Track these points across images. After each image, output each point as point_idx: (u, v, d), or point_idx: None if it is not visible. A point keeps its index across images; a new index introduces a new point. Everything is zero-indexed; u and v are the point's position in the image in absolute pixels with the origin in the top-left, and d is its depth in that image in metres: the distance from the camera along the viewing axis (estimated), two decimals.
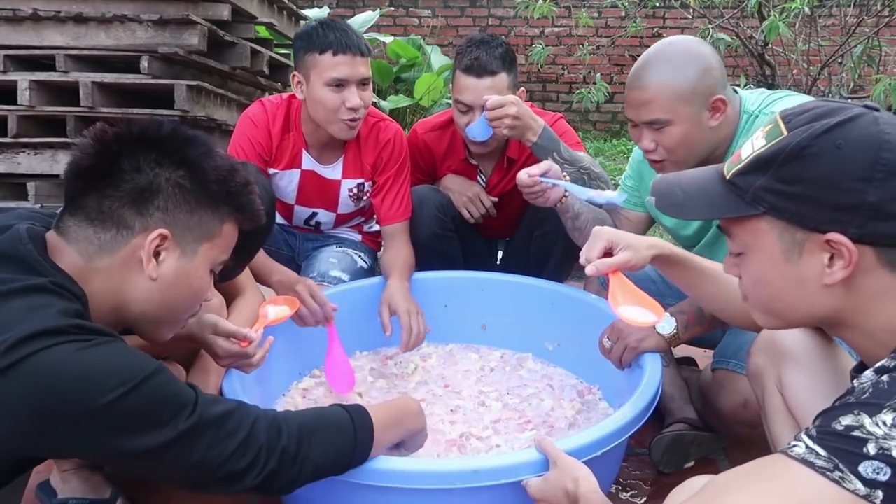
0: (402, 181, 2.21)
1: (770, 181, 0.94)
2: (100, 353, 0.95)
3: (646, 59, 1.68)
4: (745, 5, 3.88)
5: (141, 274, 1.08)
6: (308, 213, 2.33)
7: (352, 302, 2.11)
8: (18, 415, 0.90)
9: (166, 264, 1.10)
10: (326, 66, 1.96)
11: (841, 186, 0.89)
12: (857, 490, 0.79)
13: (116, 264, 1.07)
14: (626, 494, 1.67)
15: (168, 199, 1.08)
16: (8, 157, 3.22)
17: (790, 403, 1.27)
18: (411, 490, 1.27)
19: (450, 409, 1.85)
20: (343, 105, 1.99)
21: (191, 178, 1.10)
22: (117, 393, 0.92)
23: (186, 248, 1.11)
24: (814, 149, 0.91)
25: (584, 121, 6.70)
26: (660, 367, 1.61)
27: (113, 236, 1.06)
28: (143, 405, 0.95)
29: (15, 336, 0.90)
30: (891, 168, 0.88)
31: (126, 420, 0.94)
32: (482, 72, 2.08)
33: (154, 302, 1.11)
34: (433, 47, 6.05)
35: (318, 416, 1.16)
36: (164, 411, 0.96)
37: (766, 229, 0.96)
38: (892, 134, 0.90)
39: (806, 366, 1.25)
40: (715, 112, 1.65)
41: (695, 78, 1.62)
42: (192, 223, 1.11)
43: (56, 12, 3.31)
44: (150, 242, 1.07)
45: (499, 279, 2.22)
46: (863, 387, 0.85)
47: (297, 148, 2.16)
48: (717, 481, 0.90)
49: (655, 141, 1.68)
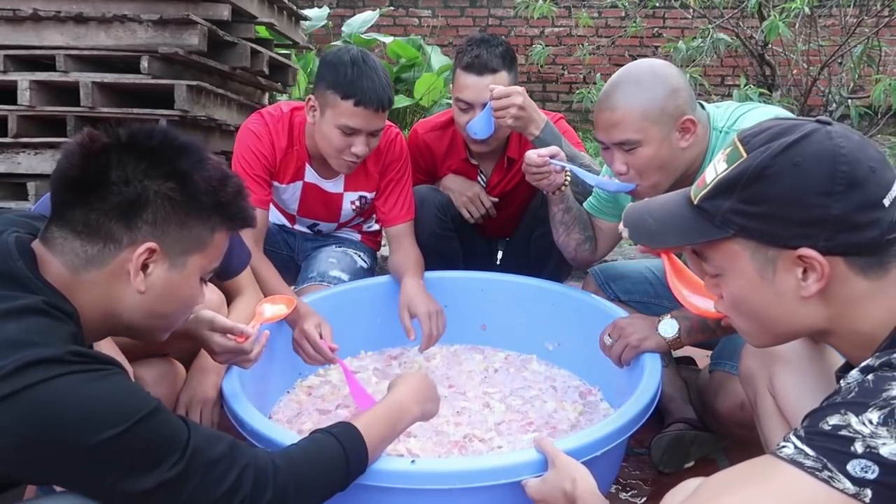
0: (404, 183, 2.21)
1: (736, 203, 0.96)
2: (98, 387, 0.93)
3: (614, 81, 1.69)
4: (745, 5, 3.88)
5: (129, 286, 1.06)
6: (309, 223, 2.33)
7: (354, 302, 2.11)
8: (12, 443, 0.89)
9: (155, 276, 1.08)
10: (344, 112, 1.91)
11: (804, 202, 0.91)
12: (847, 489, 0.79)
13: (104, 277, 1.05)
14: (626, 494, 1.67)
15: (157, 211, 1.05)
16: (8, 157, 3.22)
17: (781, 405, 1.28)
18: (411, 490, 1.27)
19: (455, 412, 1.86)
20: (348, 149, 1.97)
21: (181, 190, 1.07)
22: (112, 432, 0.91)
23: (175, 259, 1.09)
24: (773, 168, 0.93)
25: (584, 121, 6.68)
26: (659, 368, 1.62)
27: (100, 250, 1.04)
28: (136, 446, 0.93)
29: (13, 364, 0.89)
30: (849, 180, 0.90)
31: (116, 460, 0.92)
32: (483, 69, 2.08)
33: (144, 312, 1.10)
34: (433, 47, 6.04)
35: (311, 458, 1.12)
36: (155, 454, 0.95)
37: (738, 250, 0.98)
38: (846, 147, 0.92)
39: (796, 368, 1.26)
40: (685, 133, 1.64)
41: (663, 98, 1.62)
42: (181, 235, 1.09)
43: (56, 12, 3.31)
44: (138, 257, 1.05)
45: (499, 279, 2.22)
46: (849, 386, 0.86)
47: (301, 161, 2.15)
48: (708, 483, 0.90)
49: (626, 163, 1.67)
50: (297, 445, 1.14)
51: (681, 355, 2.11)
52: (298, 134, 2.13)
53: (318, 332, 1.83)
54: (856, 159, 0.92)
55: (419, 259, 2.15)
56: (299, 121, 2.12)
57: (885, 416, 0.80)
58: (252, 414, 1.44)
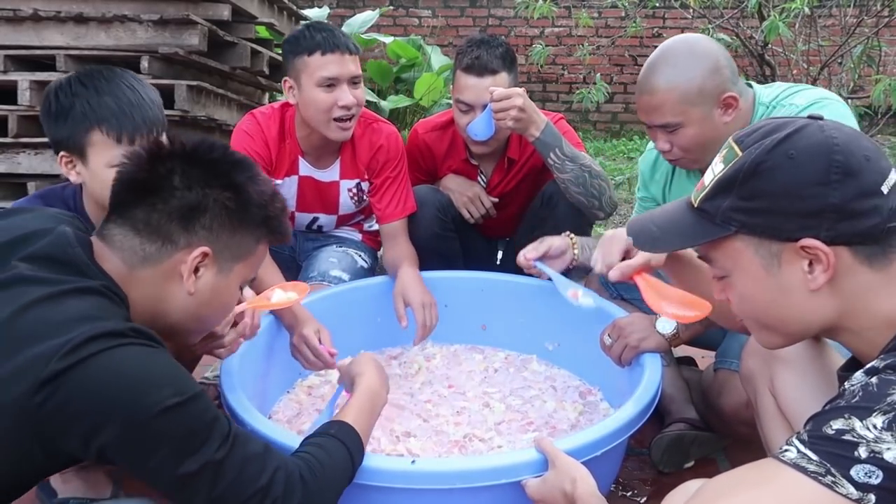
0: (399, 181, 2.21)
1: (735, 200, 0.97)
2: (158, 360, 0.99)
3: (652, 62, 1.69)
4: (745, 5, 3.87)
5: (179, 287, 1.12)
6: (309, 218, 2.33)
7: (354, 302, 2.11)
8: (77, 411, 0.93)
9: (204, 279, 1.13)
10: (316, 66, 1.97)
11: (801, 194, 0.93)
12: (850, 494, 0.79)
13: (158, 275, 1.11)
14: (626, 494, 1.67)
15: (214, 218, 1.12)
16: (8, 157, 3.22)
17: (782, 405, 1.28)
18: (411, 490, 1.27)
19: (455, 411, 1.86)
20: (335, 104, 1.99)
21: (236, 200, 1.14)
22: (172, 401, 0.95)
23: (223, 265, 1.15)
24: (768, 163, 0.94)
25: (584, 121, 6.70)
26: (660, 368, 1.62)
27: (157, 249, 1.10)
28: (189, 422, 0.98)
29: (80, 336, 0.93)
30: (844, 169, 0.91)
31: (170, 432, 0.96)
32: (483, 71, 2.08)
33: (188, 314, 1.15)
34: (433, 47, 6.05)
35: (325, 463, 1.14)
36: (204, 434, 0.99)
37: (741, 248, 0.99)
38: (839, 138, 0.93)
39: (797, 368, 1.26)
40: (727, 108, 1.65)
41: (702, 78, 1.62)
42: (231, 243, 1.15)
43: (56, 12, 3.31)
44: (193, 259, 1.10)
45: (499, 279, 2.22)
46: (853, 390, 0.86)
47: (294, 155, 2.16)
48: (709, 486, 0.90)
49: (670, 142, 1.70)
50: (309, 451, 1.14)
51: (681, 355, 2.11)
52: (290, 127, 2.15)
53: (317, 337, 1.83)
54: (849, 149, 0.93)
55: (414, 254, 2.17)
56: (290, 114, 2.15)
57: (890, 420, 0.79)
58: (252, 414, 1.44)
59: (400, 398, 1.91)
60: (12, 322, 0.95)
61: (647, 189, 2.04)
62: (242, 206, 1.15)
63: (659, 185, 1.99)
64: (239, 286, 1.21)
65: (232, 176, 1.14)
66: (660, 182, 1.99)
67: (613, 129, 6.79)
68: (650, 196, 2.04)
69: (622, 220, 3.96)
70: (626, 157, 5.66)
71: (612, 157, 5.66)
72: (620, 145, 6.07)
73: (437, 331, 2.17)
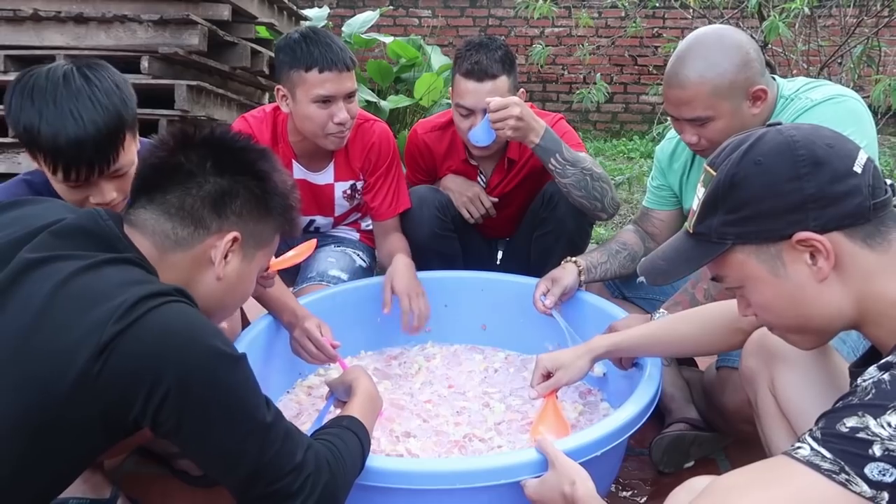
0: (392, 178, 2.23)
1: (723, 216, 1.03)
2: (203, 318, 1.02)
3: (681, 54, 1.67)
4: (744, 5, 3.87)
5: (208, 271, 1.13)
6: (306, 221, 2.33)
7: (354, 302, 2.11)
8: (135, 372, 0.94)
9: (231, 265, 1.15)
10: (312, 83, 1.94)
11: (779, 192, 0.98)
12: (864, 492, 0.79)
13: (188, 260, 1.12)
14: (626, 494, 1.67)
15: (244, 204, 1.14)
16: (8, 157, 3.22)
17: (782, 405, 1.28)
18: (411, 490, 1.27)
19: (455, 411, 1.85)
20: (331, 120, 1.98)
21: (263, 188, 1.16)
22: (222, 350, 0.99)
23: (248, 252, 1.17)
24: (741, 174, 1.01)
25: (584, 121, 6.70)
26: (660, 367, 1.61)
27: (190, 233, 1.11)
28: (239, 377, 1.01)
29: (132, 298, 0.95)
30: (811, 159, 0.97)
31: (222, 386, 0.98)
32: (483, 75, 2.08)
33: (214, 298, 1.16)
34: (433, 47, 6.04)
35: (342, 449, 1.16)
36: (253, 394, 1.02)
37: (743, 259, 1.03)
38: (797, 134, 1.00)
39: (797, 367, 1.27)
40: (756, 101, 1.66)
41: (733, 72, 1.62)
42: (257, 230, 1.17)
43: (56, 12, 3.31)
44: (226, 244, 1.12)
45: (499, 279, 2.22)
46: (865, 387, 0.86)
47: (287, 159, 2.16)
48: (720, 483, 0.90)
49: (698, 134, 1.70)
50: (328, 439, 1.16)
51: None
52: (282, 131, 2.15)
53: (319, 330, 1.83)
54: (810, 141, 0.98)
55: (408, 247, 2.19)
56: (283, 118, 2.14)
57: None
58: None
59: (400, 398, 1.91)
60: (54, 296, 0.96)
61: (665, 177, 2.06)
62: (268, 194, 1.17)
63: (677, 174, 2.01)
64: (257, 274, 1.23)
65: (258, 164, 1.16)
66: (678, 171, 2.01)
67: (613, 129, 6.79)
68: (666, 185, 2.06)
69: (622, 220, 3.96)
70: (625, 157, 5.66)
71: (612, 157, 5.65)
72: (620, 145, 6.07)
73: (437, 331, 2.18)
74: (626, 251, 2.05)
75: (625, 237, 2.09)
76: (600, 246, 2.08)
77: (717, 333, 1.45)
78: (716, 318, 1.47)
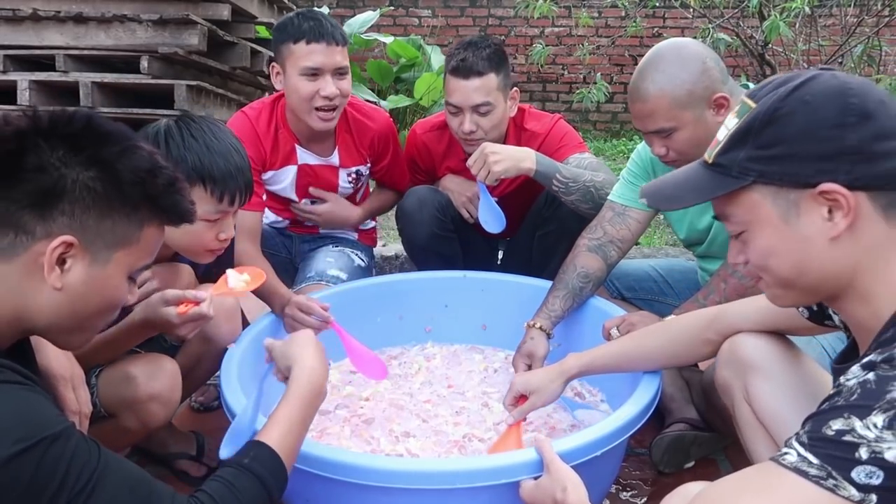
0: (398, 164, 2.37)
1: (751, 150, 0.96)
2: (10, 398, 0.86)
3: (642, 68, 1.70)
4: (745, 5, 3.87)
5: (44, 283, 0.96)
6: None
7: (354, 302, 2.11)
8: None
9: (73, 273, 0.97)
10: (300, 55, 1.98)
11: (818, 137, 0.91)
12: (852, 496, 0.79)
13: (15, 272, 0.95)
14: (626, 494, 1.67)
15: (75, 202, 0.96)
16: None
17: (758, 414, 1.28)
18: (411, 490, 1.27)
19: (455, 411, 1.85)
20: (317, 94, 1.99)
21: (102, 179, 0.97)
22: (15, 449, 0.82)
23: (97, 255, 0.99)
24: (784, 109, 0.94)
25: (584, 121, 6.69)
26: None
27: (10, 242, 0.94)
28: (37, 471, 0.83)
29: None
30: (861, 111, 0.91)
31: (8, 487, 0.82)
32: (469, 73, 2.09)
33: (62, 312, 0.99)
34: (433, 47, 6.04)
35: None
36: (49, 488, 0.84)
37: (758, 199, 0.97)
38: (852, 82, 0.93)
39: (769, 375, 1.27)
40: (719, 109, 1.66)
41: (691, 82, 1.64)
42: (103, 229, 0.99)
43: (56, 12, 3.31)
44: (52, 250, 0.95)
45: (499, 279, 2.22)
46: (851, 387, 0.84)
47: (290, 144, 2.16)
48: (709, 491, 0.90)
49: (666, 146, 1.72)
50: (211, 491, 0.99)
51: None
52: (281, 117, 2.16)
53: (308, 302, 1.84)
54: (864, 92, 0.93)
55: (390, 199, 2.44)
56: (282, 105, 2.16)
57: (890, 419, 0.79)
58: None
59: (400, 398, 1.91)
60: None
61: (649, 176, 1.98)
62: (112, 185, 0.98)
63: None
64: (128, 276, 1.04)
65: (97, 151, 0.98)
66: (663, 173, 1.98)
67: (613, 129, 6.79)
68: None
69: None
70: (625, 158, 5.65)
71: (612, 157, 5.65)
72: (620, 145, 6.07)
73: (437, 331, 2.18)
74: (590, 284, 1.93)
75: (585, 262, 1.93)
76: (560, 286, 1.92)
77: (686, 345, 1.45)
78: (683, 330, 1.47)
